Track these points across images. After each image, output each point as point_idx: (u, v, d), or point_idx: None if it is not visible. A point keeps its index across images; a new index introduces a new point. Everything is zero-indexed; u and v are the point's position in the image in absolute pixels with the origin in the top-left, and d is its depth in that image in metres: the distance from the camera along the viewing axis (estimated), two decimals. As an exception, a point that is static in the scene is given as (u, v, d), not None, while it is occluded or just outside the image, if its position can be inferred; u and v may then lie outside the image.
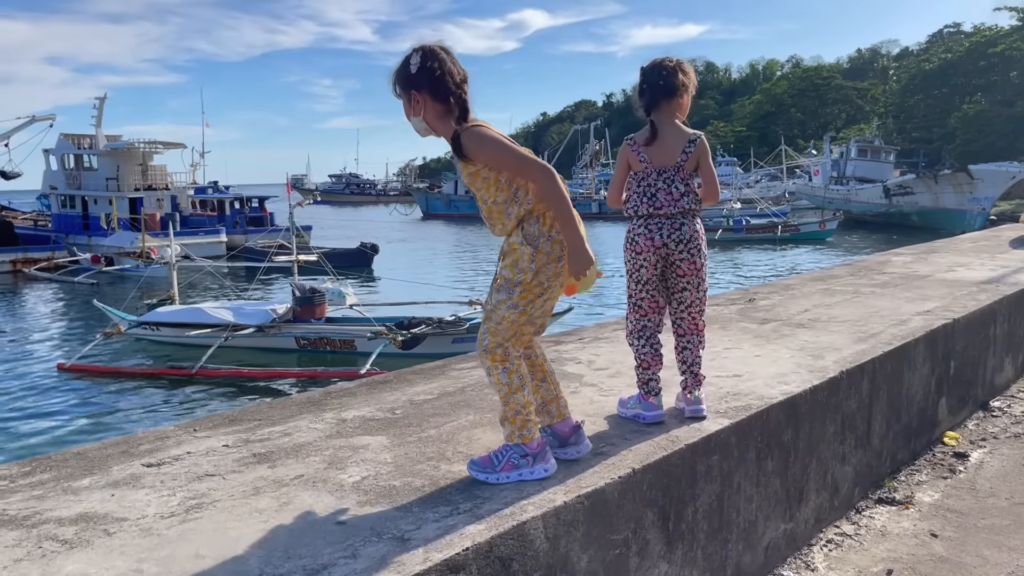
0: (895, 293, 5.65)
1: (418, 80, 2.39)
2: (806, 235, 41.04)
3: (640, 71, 2.96)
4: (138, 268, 28.36)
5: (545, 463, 2.42)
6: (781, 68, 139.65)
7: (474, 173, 2.45)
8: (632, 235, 2.93)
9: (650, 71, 2.92)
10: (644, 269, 2.91)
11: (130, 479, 2.46)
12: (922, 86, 70.45)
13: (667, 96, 2.89)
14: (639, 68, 2.97)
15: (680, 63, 2.93)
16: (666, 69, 2.90)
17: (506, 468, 2.39)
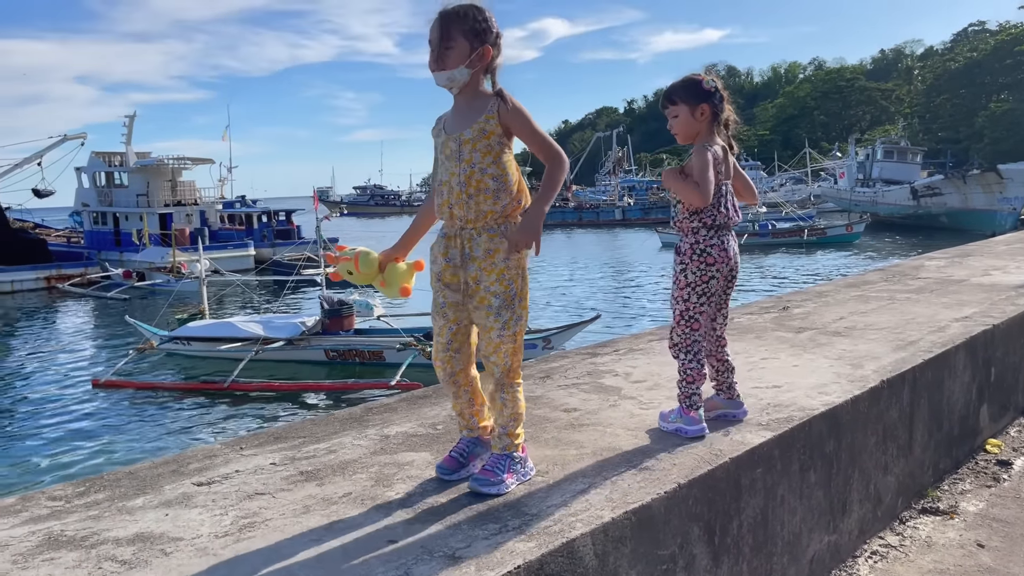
0: (931, 299, 5.60)
1: (490, 37, 2.45)
2: (833, 238, 40.70)
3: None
4: (169, 283, 28.79)
5: (530, 463, 2.59)
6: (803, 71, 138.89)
7: (490, 133, 2.44)
8: (704, 246, 2.88)
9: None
10: (715, 281, 2.89)
11: (182, 498, 2.50)
12: (948, 86, 69.82)
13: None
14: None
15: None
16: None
17: (509, 475, 2.49)
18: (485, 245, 2.45)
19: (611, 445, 2.85)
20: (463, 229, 2.46)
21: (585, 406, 3.36)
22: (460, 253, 2.47)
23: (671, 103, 2.91)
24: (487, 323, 2.47)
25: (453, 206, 2.44)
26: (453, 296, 2.50)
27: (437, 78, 2.46)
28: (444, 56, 2.42)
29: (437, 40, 2.42)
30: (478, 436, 2.66)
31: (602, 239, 53.80)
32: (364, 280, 2.64)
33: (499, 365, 2.49)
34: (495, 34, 2.46)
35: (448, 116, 2.54)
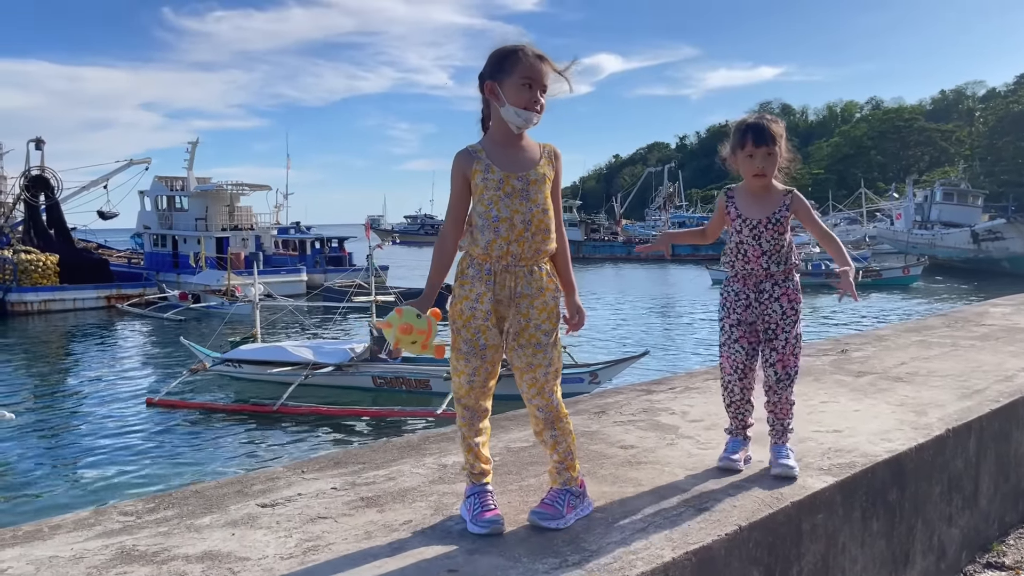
0: (997, 347, 5.46)
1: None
2: (889, 280, 39.88)
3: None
4: (223, 306, 29.41)
5: (588, 498, 2.60)
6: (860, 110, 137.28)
7: (549, 178, 2.53)
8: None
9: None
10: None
11: (248, 519, 2.56)
12: (1011, 128, 68.31)
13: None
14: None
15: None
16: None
17: (568, 510, 2.49)
18: (537, 283, 2.48)
19: (670, 484, 2.84)
20: (513, 266, 2.46)
21: (642, 443, 3.35)
22: (510, 291, 2.46)
23: (773, 143, 2.88)
24: (535, 361, 2.46)
25: (512, 243, 2.44)
26: (495, 337, 2.47)
27: (534, 118, 2.47)
28: (544, 100, 2.48)
29: (546, 83, 2.47)
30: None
31: (651, 274, 53.52)
32: (412, 340, 2.43)
33: (549, 404, 2.49)
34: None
35: (493, 153, 2.48)
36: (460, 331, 2.47)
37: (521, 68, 2.43)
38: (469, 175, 2.48)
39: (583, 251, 70.28)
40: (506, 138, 2.51)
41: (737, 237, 2.93)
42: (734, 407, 3.00)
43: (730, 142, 2.95)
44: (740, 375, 2.95)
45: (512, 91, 2.44)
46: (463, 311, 2.47)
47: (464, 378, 2.48)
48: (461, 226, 2.53)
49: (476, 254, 2.48)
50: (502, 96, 2.45)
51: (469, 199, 2.50)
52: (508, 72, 2.44)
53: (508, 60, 2.45)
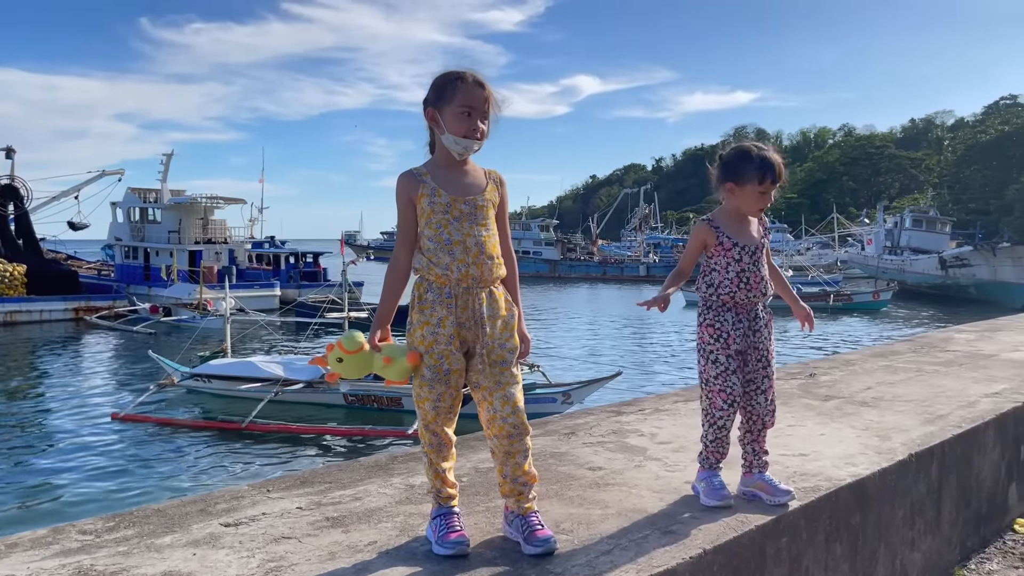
0: (960, 372, 5.55)
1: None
2: (859, 305, 40.38)
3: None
4: (194, 319, 29.07)
5: None
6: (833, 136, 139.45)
7: (494, 204, 2.56)
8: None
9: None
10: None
11: (210, 538, 2.53)
12: (978, 157, 69.81)
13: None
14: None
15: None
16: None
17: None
18: (498, 303, 2.50)
19: (636, 506, 2.85)
20: (474, 288, 2.46)
21: (610, 465, 3.36)
22: (472, 313, 2.46)
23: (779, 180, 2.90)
24: (502, 379, 2.46)
25: (471, 265, 2.44)
26: (459, 362, 2.45)
27: (474, 146, 2.48)
28: (486, 126, 2.49)
29: (487, 109, 2.48)
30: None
31: (625, 294, 53.74)
32: (359, 366, 2.48)
33: (522, 423, 2.47)
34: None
35: (438, 176, 2.49)
36: (422, 358, 2.46)
37: (460, 96, 2.44)
38: (415, 198, 2.49)
39: (559, 270, 70.53)
40: (450, 162, 2.52)
41: (737, 266, 2.87)
42: (721, 441, 2.87)
43: (731, 169, 2.88)
44: (735, 408, 2.86)
45: (451, 119, 2.45)
46: (424, 336, 2.45)
47: (430, 405, 2.47)
48: (412, 249, 2.53)
49: (434, 277, 2.46)
50: (442, 124, 2.47)
51: (417, 222, 2.50)
52: (447, 100, 2.45)
53: (448, 88, 2.45)
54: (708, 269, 2.93)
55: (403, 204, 2.51)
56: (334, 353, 2.49)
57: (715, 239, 2.90)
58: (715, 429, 2.86)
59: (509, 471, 2.49)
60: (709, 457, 2.90)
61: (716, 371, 2.84)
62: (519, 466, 2.48)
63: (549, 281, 65.53)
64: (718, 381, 2.84)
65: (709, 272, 2.92)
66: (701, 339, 2.91)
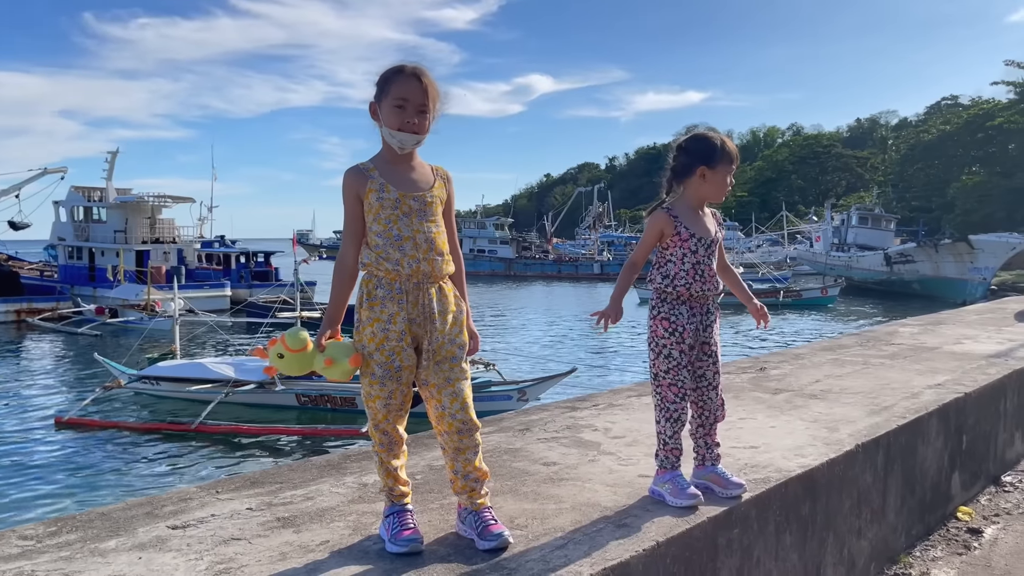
0: (905, 365, 5.69)
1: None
2: (808, 301, 41.17)
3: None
4: (142, 321, 28.47)
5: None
6: (782, 135, 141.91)
7: (443, 200, 2.55)
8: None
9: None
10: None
11: (156, 541, 2.47)
12: (921, 156, 71.50)
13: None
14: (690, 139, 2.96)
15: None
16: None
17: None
18: (450, 298, 2.49)
19: (590, 500, 2.86)
20: (424, 283, 2.44)
21: (564, 460, 3.37)
22: (423, 309, 2.44)
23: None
24: (452, 375, 2.44)
25: (422, 261, 2.42)
26: (410, 359, 2.43)
27: (410, 140, 2.45)
28: (426, 119, 2.47)
29: (422, 102, 2.44)
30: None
31: (580, 292, 54.03)
32: (300, 364, 2.45)
33: (471, 419, 2.46)
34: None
35: (385, 172, 2.47)
36: (372, 355, 2.43)
37: (395, 89, 2.43)
38: (362, 194, 2.46)
39: (514, 269, 70.61)
40: (395, 157, 2.50)
41: (693, 258, 2.86)
42: (676, 437, 2.86)
43: (704, 154, 2.88)
44: (686, 401, 2.87)
45: (387, 112, 2.44)
46: (375, 334, 2.42)
47: (380, 403, 2.44)
48: (360, 245, 2.50)
49: (384, 273, 2.43)
50: (380, 117, 2.47)
51: (364, 218, 2.48)
52: (385, 93, 2.45)
53: (387, 81, 2.45)
54: (663, 261, 2.90)
55: (350, 200, 2.48)
56: (276, 348, 2.46)
57: (673, 229, 2.87)
58: (671, 423, 2.85)
59: (460, 467, 2.48)
60: (669, 456, 2.87)
61: (668, 366, 2.84)
62: (469, 462, 2.47)
63: (504, 280, 65.57)
64: (669, 375, 2.84)
65: (664, 264, 2.89)
66: (655, 333, 2.88)
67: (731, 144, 2.93)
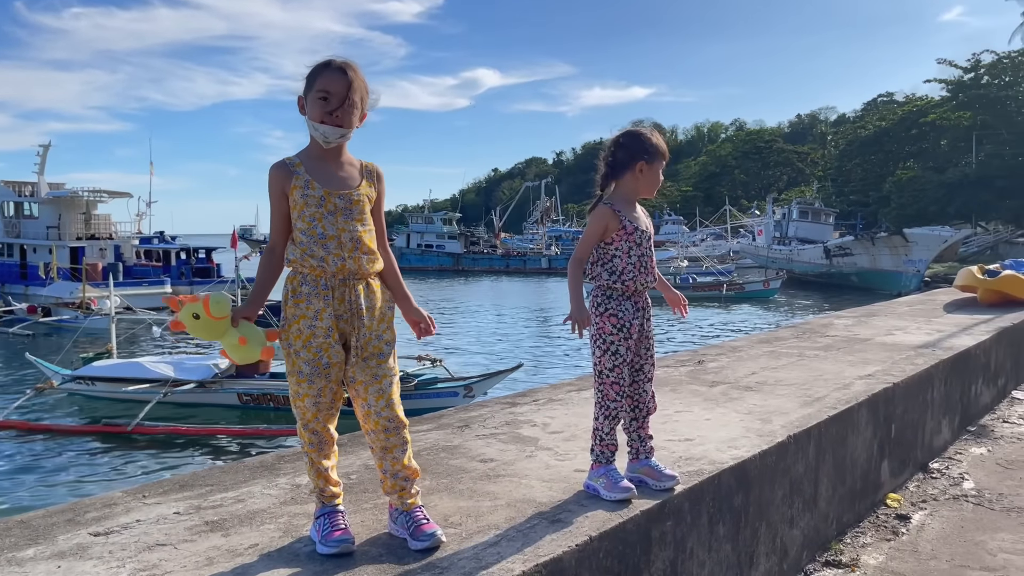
0: (838, 356, 5.83)
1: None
2: (751, 294, 41.94)
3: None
4: (76, 319, 27.63)
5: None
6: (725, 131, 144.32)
7: (371, 199, 2.53)
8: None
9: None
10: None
11: (77, 549, 2.39)
12: (858, 151, 73.39)
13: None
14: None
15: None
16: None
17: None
18: (374, 295, 2.47)
19: (526, 497, 2.86)
20: (351, 279, 2.41)
21: (502, 456, 3.37)
22: (350, 306, 2.41)
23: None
24: (379, 372, 2.42)
25: (347, 259, 2.40)
26: (338, 355, 2.40)
27: (333, 133, 2.41)
28: (351, 113, 2.43)
29: (346, 95, 2.41)
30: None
31: (528, 287, 54.19)
32: (210, 331, 2.36)
33: (397, 416, 2.45)
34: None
35: (312, 168, 2.44)
36: (299, 352, 2.39)
37: (320, 82, 2.41)
38: (287, 190, 2.43)
39: (463, 264, 70.43)
40: (323, 153, 2.47)
41: (639, 250, 2.89)
42: (613, 433, 2.88)
43: (642, 148, 2.91)
44: (625, 399, 2.90)
45: (311, 105, 2.42)
46: (301, 331, 2.39)
47: (310, 401, 2.40)
48: (287, 239, 2.47)
49: (309, 269, 2.41)
50: (307, 111, 2.44)
51: (289, 214, 2.44)
52: (310, 86, 2.43)
53: (313, 75, 2.44)
54: (608, 256, 2.90)
55: (275, 195, 2.44)
56: (194, 307, 2.36)
57: (618, 223, 2.89)
58: (610, 421, 2.88)
59: (388, 466, 2.46)
60: (604, 451, 2.89)
61: (613, 363, 2.85)
62: (398, 461, 2.46)
63: (453, 275, 65.37)
64: (613, 373, 2.86)
65: (610, 259, 2.89)
66: (602, 330, 2.87)
67: (662, 141, 2.98)
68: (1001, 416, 6.79)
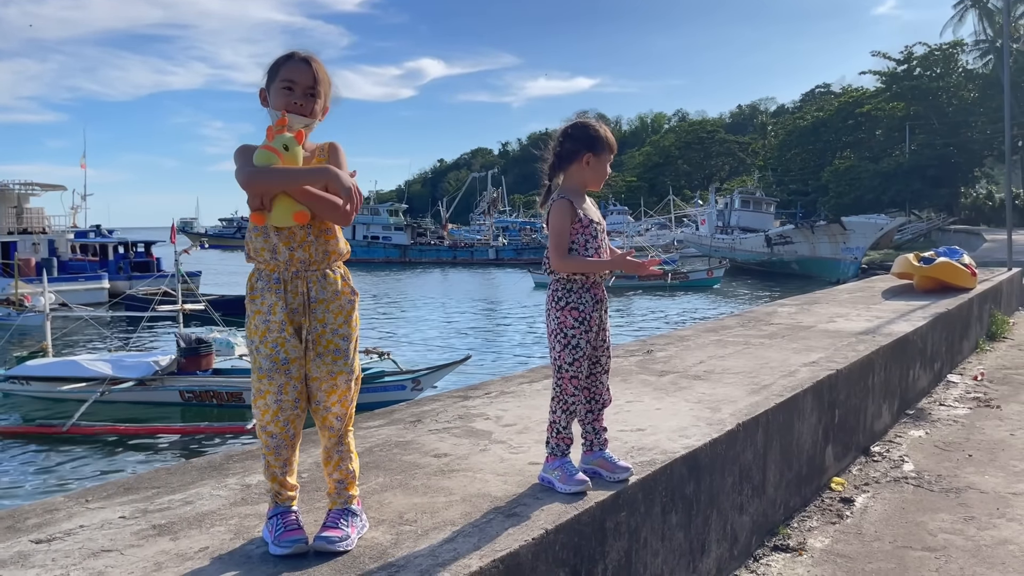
0: (783, 344, 5.94)
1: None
2: (695, 282, 42.54)
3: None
4: (9, 317, 26.71)
5: (364, 516, 2.54)
6: (668, 121, 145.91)
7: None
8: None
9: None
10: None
11: (18, 557, 2.30)
12: (797, 141, 74.94)
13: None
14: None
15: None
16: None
17: (352, 529, 2.41)
18: (333, 286, 2.42)
19: (481, 491, 2.85)
20: (303, 272, 2.37)
21: (456, 451, 3.35)
22: (304, 298, 2.37)
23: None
24: (334, 368, 2.39)
25: (296, 249, 2.36)
26: (296, 350, 2.36)
27: (298, 121, 2.40)
28: (314, 103, 2.43)
29: (311, 85, 2.42)
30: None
31: (476, 278, 54.10)
32: (296, 160, 2.35)
33: (343, 415, 2.44)
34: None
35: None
36: (259, 348, 2.36)
37: (283, 72, 2.42)
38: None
39: (409, 255, 69.98)
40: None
41: (595, 243, 2.90)
42: (569, 427, 2.89)
43: (588, 140, 2.91)
44: (582, 392, 2.91)
45: (274, 95, 2.43)
46: (258, 326, 2.37)
47: (271, 398, 2.36)
48: None
49: (264, 265, 2.39)
50: (269, 102, 2.45)
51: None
52: (272, 78, 2.44)
53: (275, 66, 2.45)
54: (572, 248, 2.90)
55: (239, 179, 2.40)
56: (287, 138, 2.35)
57: (575, 216, 2.89)
58: (567, 415, 2.89)
59: (326, 468, 2.48)
60: (560, 444, 2.89)
61: (573, 357, 2.85)
62: (331, 462, 2.48)
63: (400, 266, 64.92)
64: (572, 367, 2.86)
65: (567, 253, 2.89)
66: (563, 324, 2.87)
67: (610, 133, 2.99)
68: (938, 399, 7.02)
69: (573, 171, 2.95)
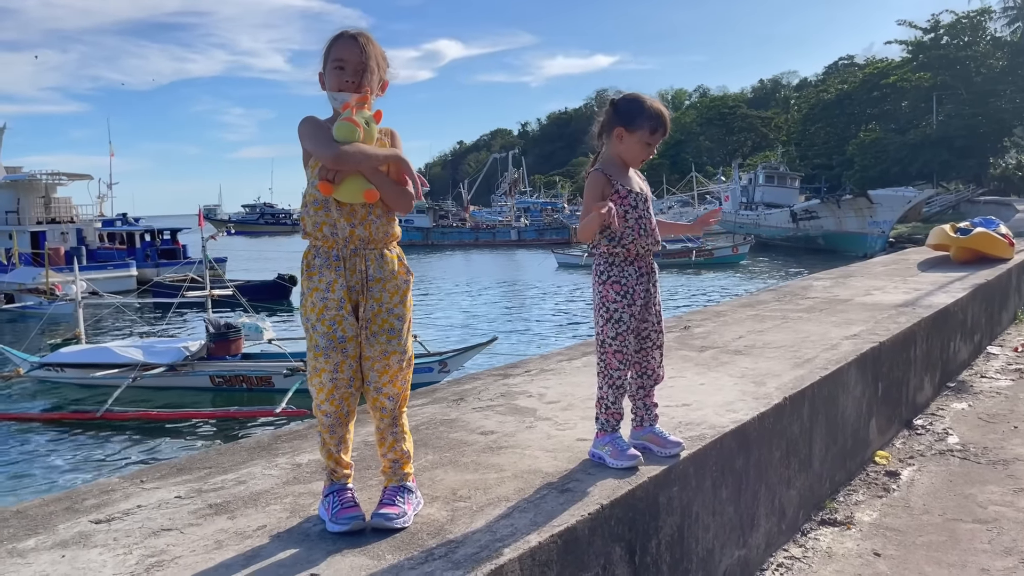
0: (821, 318, 5.87)
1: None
2: (720, 259, 42.27)
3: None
4: (41, 305, 27.14)
5: (419, 493, 2.54)
6: (689, 98, 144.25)
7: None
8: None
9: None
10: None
11: (79, 537, 2.33)
12: (821, 115, 73.92)
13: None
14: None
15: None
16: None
17: (408, 506, 2.41)
18: (390, 266, 2.41)
19: (531, 467, 2.84)
20: (362, 249, 2.36)
21: (502, 428, 3.34)
22: (362, 276, 2.37)
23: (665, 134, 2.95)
24: (388, 348, 2.38)
25: (357, 226, 2.35)
26: (353, 328, 2.36)
27: (352, 100, 2.38)
28: (368, 80, 2.41)
29: (362, 62, 2.40)
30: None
31: (499, 260, 54.10)
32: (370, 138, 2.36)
33: (396, 395, 2.43)
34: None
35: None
36: (315, 326, 2.35)
37: (334, 51, 2.41)
38: (308, 158, 2.42)
39: (432, 238, 70.05)
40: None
41: (635, 213, 2.84)
42: (618, 402, 2.86)
43: (624, 115, 2.86)
44: (629, 367, 2.87)
45: (328, 76, 2.42)
46: (315, 304, 2.35)
47: (326, 376, 2.35)
48: None
49: (321, 242, 2.37)
50: (325, 83, 2.43)
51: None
52: (327, 58, 2.42)
53: (328, 47, 2.43)
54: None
55: (305, 155, 2.42)
56: (367, 115, 2.36)
57: (611, 188, 2.85)
58: (614, 390, 2.85)
59: (385, 449, 2.47)
60: (609, 420, 2.86)
61: (616, 331, 2.82)
62: (386, 442, 2.46)
63: (423, 249, 64.99)
64: (616, 341, 2.82)
65: (607, 225, 2.85)
66: (605, 297, 2.84)
67: (660, 112, 2.88)
68: (979, 371, 6.92)
69: (609, 143, 2.93)
